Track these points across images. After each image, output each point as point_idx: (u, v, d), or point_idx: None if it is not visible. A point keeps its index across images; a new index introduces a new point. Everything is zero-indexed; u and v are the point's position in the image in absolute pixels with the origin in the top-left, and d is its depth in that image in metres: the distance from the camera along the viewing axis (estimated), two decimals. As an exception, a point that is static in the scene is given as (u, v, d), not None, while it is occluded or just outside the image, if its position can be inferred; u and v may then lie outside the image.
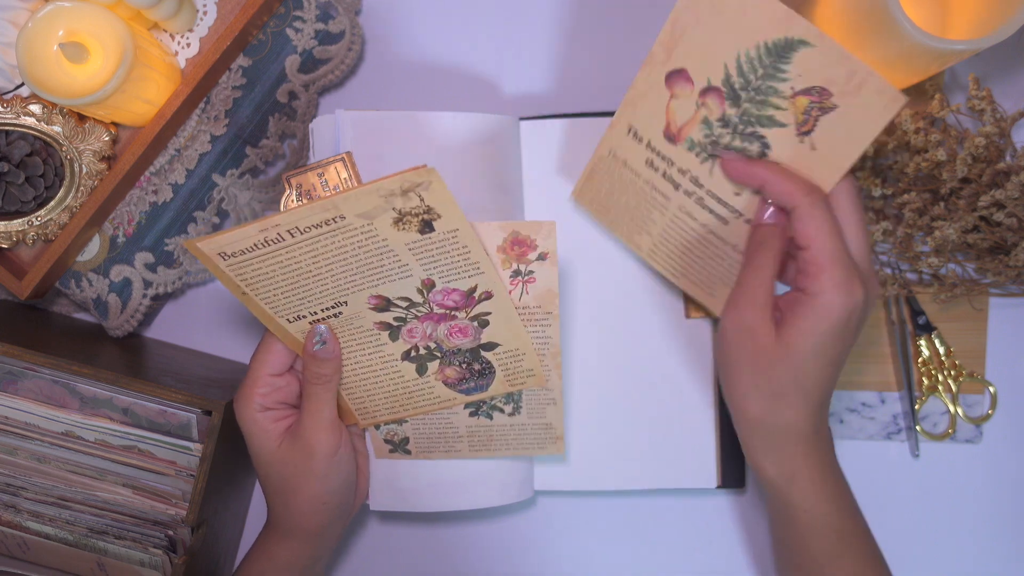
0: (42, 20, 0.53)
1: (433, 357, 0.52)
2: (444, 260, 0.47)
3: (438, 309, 0.50)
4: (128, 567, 0.56)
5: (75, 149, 0.58)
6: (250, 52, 0.61)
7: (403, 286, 0.48)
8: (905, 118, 0.59)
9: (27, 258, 0.61)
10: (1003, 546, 0.65)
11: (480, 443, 0.57)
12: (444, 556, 0.67)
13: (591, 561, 0.66)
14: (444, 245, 0.46)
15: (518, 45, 0.67)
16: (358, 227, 0.45)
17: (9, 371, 0.55)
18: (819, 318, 0.44)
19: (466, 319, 0.51)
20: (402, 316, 0.50)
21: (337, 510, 0.54)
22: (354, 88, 0.67)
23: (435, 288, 0.49)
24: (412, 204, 0.44)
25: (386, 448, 0.57)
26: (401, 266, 0.47)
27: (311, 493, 0.52)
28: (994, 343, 0.64)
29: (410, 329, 0.51)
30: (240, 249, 0.45)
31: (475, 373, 0.53)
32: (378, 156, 0.56)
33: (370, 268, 0.47)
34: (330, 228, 0.44)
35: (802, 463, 0.49)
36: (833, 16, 0.56)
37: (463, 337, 0.51)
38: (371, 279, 0.48)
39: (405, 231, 0.45)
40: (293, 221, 0.44)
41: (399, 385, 0.54)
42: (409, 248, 0.46)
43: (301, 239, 0.45)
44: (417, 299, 0.49)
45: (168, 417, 0.55)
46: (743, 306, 0.47)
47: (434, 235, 0.45)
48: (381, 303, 0.49)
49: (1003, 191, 0.56)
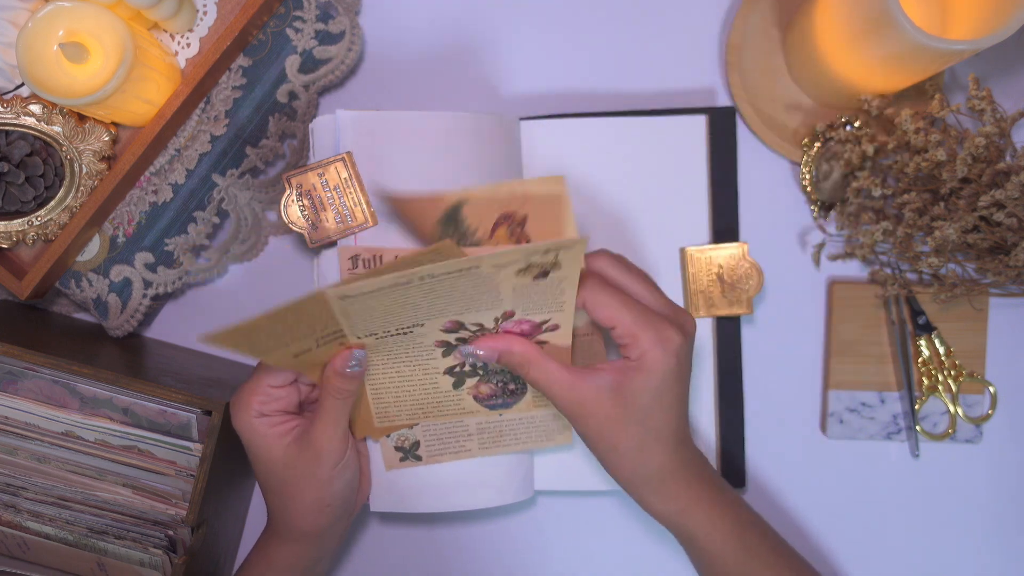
0: (42, 20, 0.53)
1: (474, 375, 0.53)
2: (537, 299, 0.48)
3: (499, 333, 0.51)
4: (128, 567, 0.56)
5: (75, 149, 0.58)
6: (250, 52, 0.61)
7: (485, 315, 0.49)
8: (905, 118, 0.59)
9: (27, 258, 0.61)
10: (1003, 546, 0.65)
11: (490, 440, 0.57)
12: (444, 556, 0.67)
13: (591, 561, 0.66)
14: (547, 289, 0.47)
15: (518, 45, 0.67)
16: (482, 275, 0.45)
17: (9, 371, 0.55)
18: (649, 375, 0.48)
19: None
20: (465, 337, 0.51)
21: (339, 511, 0.54)
22: (354, 88, 0.67)
23: (512, 318, 0.49)
24: (546, 260, 0.45)
25: (396, 457, 0.57)
26: (495, 300, 0.48)
27: (314, 497, 0.52)
28: (994, 343, 0.64)
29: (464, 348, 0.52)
30: (363, 292, 0.44)
31: (507, 392, 0.55)
32: (378, 156, 0.56)
33: (467, 300, 0.47)
34: (456, 277, 0.44)
35: (686, 495, 0.51)
36: (833, 17, 0.56)
37: None
38: (461, 308, 0.48)
39: (521, 278, 0.46)
40: (432, 271, 0.43)
41: (430, 395, 0.54)
42: (513, 288, 0.47)
43: (424, 284, 0.44)
44: (490, 325, 0.50)
45: (168, 417, 0.55)
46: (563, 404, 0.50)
47: (544, 281, 0.46)
48: (454, 326, 0.50)
49: (1003, 191, 0.56)
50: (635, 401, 0.49)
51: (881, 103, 0.60)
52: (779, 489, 0.66)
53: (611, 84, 0.66)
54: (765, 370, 0.65)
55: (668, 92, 0.66)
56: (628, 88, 0.66)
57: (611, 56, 0.66)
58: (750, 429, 0.65)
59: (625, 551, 0.66)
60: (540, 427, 0.57)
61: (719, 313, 0.61)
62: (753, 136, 0.65)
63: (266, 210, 0.65)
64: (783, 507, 0.66)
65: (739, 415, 0.62)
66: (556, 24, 0.67)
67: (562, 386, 0.49)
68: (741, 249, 0.61)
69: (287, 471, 0.52)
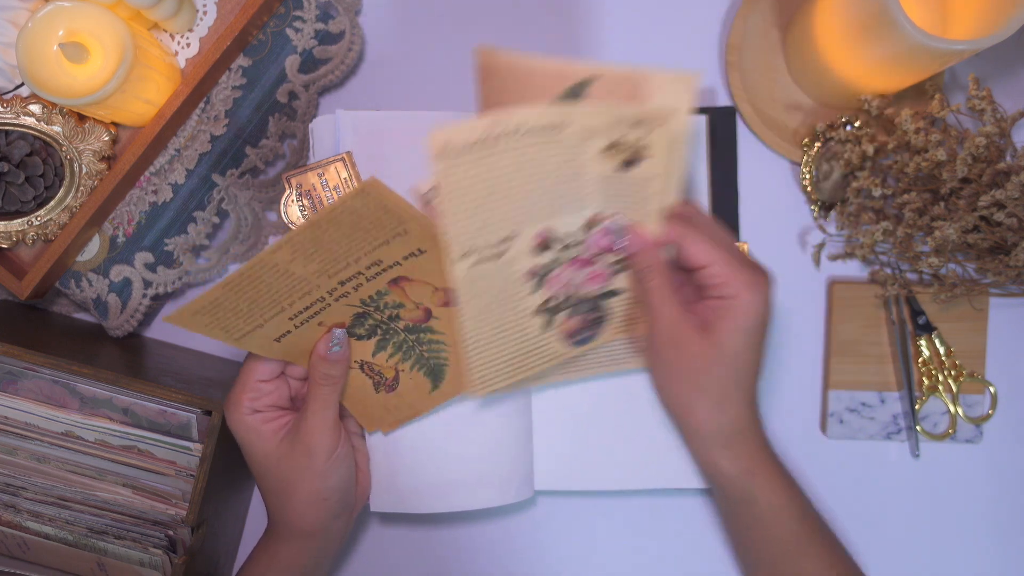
0: (42, 20, 0.53)
1: (561, 308, 0.53)
2: (620, 201, 0.48)
3: (587, 253, 0.51)
4: (128, 567, 0.56)
5: (75, 149, 0.58)
6: (250, 52, 0.61)
7: (571, 222, 0.49)
8: (905, 118, 0.59)
9: (27, 258, 0.61)
10: (1003, 546, 0.65)
11: (570, 361, 0.57)
12: (444, 556, 0.67)
13: (591, 561, 0.66)
14: (632, 186, 0.47)
15: (518, 45, 0.67)
16: (568, 145, 0.45)
17: (9, 371, 0.55)
18: (743, 316, 0.48)
19: (606, 265, 0.52)
20: (554, 261, 0.51)
21: (336, 507, 0.54)
22: (354, 88, 0.67)
23: (597, 228, 0.50)
24: (633, 137, 0.45)
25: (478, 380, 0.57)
26: (579, 198, 0.48)
27: (309, 491, 0.52)
28: (994, 343, 0.64)
29: (555, 276, 0.52)
30: (463, 143, 0.44)
31: (591, 323, 0.55)
32: (378, 156, 0.56)
33: (554, 195, 0.48)
34: (545, 139, 0.45)
35: (758, 456, 0.51)
36: (833, 16, 0.56)
37: (597, 283, 0.53)
38: (549, 208, 0.48)
39: (608, 161, 0.46)
40: (523, 118, 0.44)
41: (521, 344, 0.54)
42: (597, 180, 0.47)
43: (515, 145, 0.45)
44: (577, 238, 0.50)
45: (168, 417, 0.55)
46: (661, 326, 0.50)
47: (629, 174, 0.47)
48: (544, 242, 0.50)
49: (1003, 191, 0.56)
50: (727, 341, 0.48)
51: (881, 103, 0.60)
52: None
53: (611, 84, 0.66)
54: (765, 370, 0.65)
55: (668, 92, 0.66)
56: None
57: (611, 56, 0.66)
58: (750, 429, 0.65)
59: (625, 551, 0.66)
60: (612, 353, 0.58)
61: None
62: (753, 136, 0.65)
63: (266, 210, 0.65)
64: (783, 507, 0.66)
65: (739, 415, 0.62)
66: (556, 24, 0.67)
67: (671, 308, 0.49)
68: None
69: (281, 466, 0.52)
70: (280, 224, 0.65)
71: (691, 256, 0.49)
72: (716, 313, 0.49)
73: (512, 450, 0.59)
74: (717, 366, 0.49)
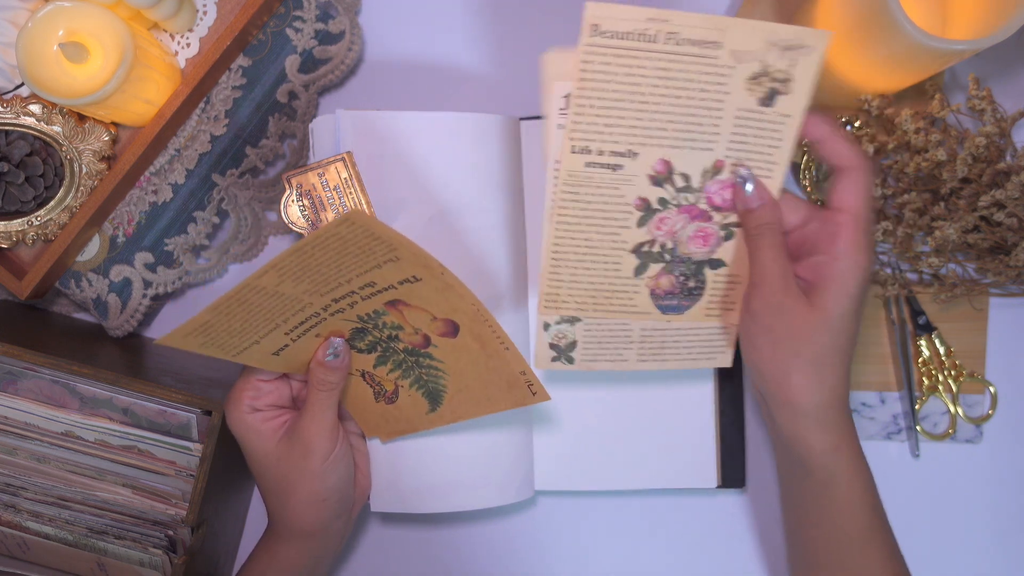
0: (42, 20, 0.53)
1: (660, 259, 0.51)
2: (752, 144, 0.48)
3: (703, 204, 0.50)
4: (128, 567, 0.56)
5: (75, 149, 0.58)
6: (250, 52, 0.61)
7: (696, 159, 0.48)
8: (905, 118, 0.59)
9: (27, 258, 0.61)
10: (1003, 546, 0.65)
11: (650, 352, 0.54)
12: (444, 556, 0.67)
13: (591, 561, 0.66)
14: (766, 128, 0.47)
15: (518, 45, 0.67)
16: (719, 66, 0.45)
17: (9, 371, 0.55)
18: (849, 279, 0.46)
19: (718, 225, 0.51)
20: (667, 200, 0.49)
21: (336, 507, 0.54)
22: (354, 88, 0.67)
23: (719, 175, 0.48)
24: (780, 66, 0.45)
25: (549, 356, 0.54)
26: (712, 134, 0.47)
27: (309, 490, 0.52)
28: (994, 343, 0.64)
29: (663, 218, 0.50)
30: (619, 28, 0.44)
31: (686, 290, 0.52)
32: (379, 156, 0.56)
33: (687, 121, 0.47)
34: (700, 53, 0.45)
35: (846, 431, 0.49)
36: (833, 16, 0.56)
37: (702, 245, 0.51)
38: (678, 135, 0.47)
39: (750, 93, 0.46)
40: (679, 23, 0.44)
41: (609, 278, 0.52)
42: (736, 116, 0.46)
43: (669, 50, 0.44)
44: (696, 183, 0.49)
45: (168, 417, 0.55)
46: (769, 289, 0.48)
47: (768, 111, 0.46)
48: (663, 174, 0.48)
49: (1003, 191, 0.56)
50: (834, 307, 0.46)
51: (881, 103, 0.60)
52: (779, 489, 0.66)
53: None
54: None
55: (668, 92, 0.66)
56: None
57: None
58: (750, 429, 0.65)
59: (625, 551, 0.66)
60: (703, 343, 0.55)
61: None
62: (753, 136, 0.65)
63: (266, 210, 0.65)
64: (783, 507, 0.66)
65: (739, 415, 0.62)
66: (556, 25, 0.66)
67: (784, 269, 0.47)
68: None
69: (280, 466, 0.52)
70: (280, 224, 0.65)
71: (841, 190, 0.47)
72: (820, 273, 0.47)
73: (512, 450, 0.59)
74: (821, 333, 0.47)
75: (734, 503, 0.66)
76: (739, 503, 0.66)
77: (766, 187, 0.49)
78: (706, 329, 0.55)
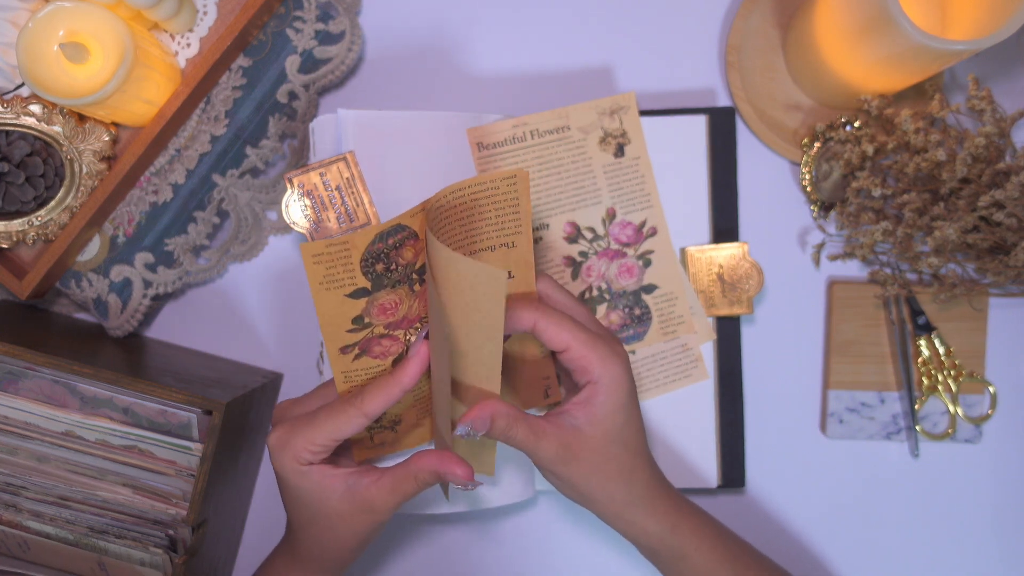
0: (42, 20, 0.53)
1: (602, 300, 0.58)
2: (625, 188, 0.59)
3: (614, 244, 0.59)
4: (128, 566, 0.56)
5: (75, 149, 0.58)
6: (250, 52, 0.61)
7: (593, 213, 0.59)
8: (905, 118, 0.59)
9: (27, 258, 0.61)
10: (1003, 546, 0.65)
11: None
12: (444, 556, 0.67)
13: (591, 561, 0.66)
14: (628, 172, 0.59)
15: (518, 44, 0.67)
16: (575, 141, 0.58)
17: (9, 371, 0.55)
18: (614, 392, 0.48)
19: (634, 257, 0.59)
20: (585, 251, 0.59)
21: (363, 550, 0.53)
22: (354, 88, 0.67)
23: (615, 219, 0.56)
24: (614, 126, 0.58)
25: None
26: (595, 190, 0.59)
27: (355, 544, 0.51)
28: (994, 343, 0.64)
29: (589, 267, 0.59)
30: (493, 142, 0.58)
31: (635, 319, 0.59)
32: (379, 155, 0.56)
33: (573, 188, 0.58)
34: (557, 137, 0.58)
35: (675, 511, 0.51)
36: (833, 16, 0.56)
37: (630, 277, 0.58)
38: (572, 200, 0.58)
39: (605, 152, 0.58)
40: (535, 123, 0.58)
41: None
42: (604, 171, 0.58)
43: (535, 143, 0.58)
44: (600, 231, 0.59)
45: (168, 417, 0.55)
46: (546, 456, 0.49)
47: (623, 160, 0.58)
48: (573, 233, 0.58)
49: (1003, 191, 0.56)
50: (610, 422, 0.48)
51: (881, 103, 0.60)
52: (779, 489, 0.66)
53: (610, 84, 0.66)
54: (765, 370, 0.65)
55: (668, 92, 0.66)
56: (628, 88, 0.66)
57: (612, 56, 0.66)
58: (750, 429, 0.65)
59: (625, 552, 0.66)
60: (674, 367, 0.60)
61: (719, 313, 0.61)
62: (753, 136, 0.65)
63: (266, 210, 0.65)
64: (783, 507, 0.66)
65: (739, 415, 0.62)
66: (557, 25, 0.67)
67: (547, 435, 0.48)
68: (741, 249, 0.61)
69: (334, 520, 0.50)
70: (281, 224, 0.66)
71: (549, 339, 0.48)
72: (590, 401, 0.49)
73: (513, 450, 0.59)
74: (613, 448, 0.49)
75: (734, 503, 0.66)
76: (739, 503, 0.66)
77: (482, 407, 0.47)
78: (671, 351, 0.61)
